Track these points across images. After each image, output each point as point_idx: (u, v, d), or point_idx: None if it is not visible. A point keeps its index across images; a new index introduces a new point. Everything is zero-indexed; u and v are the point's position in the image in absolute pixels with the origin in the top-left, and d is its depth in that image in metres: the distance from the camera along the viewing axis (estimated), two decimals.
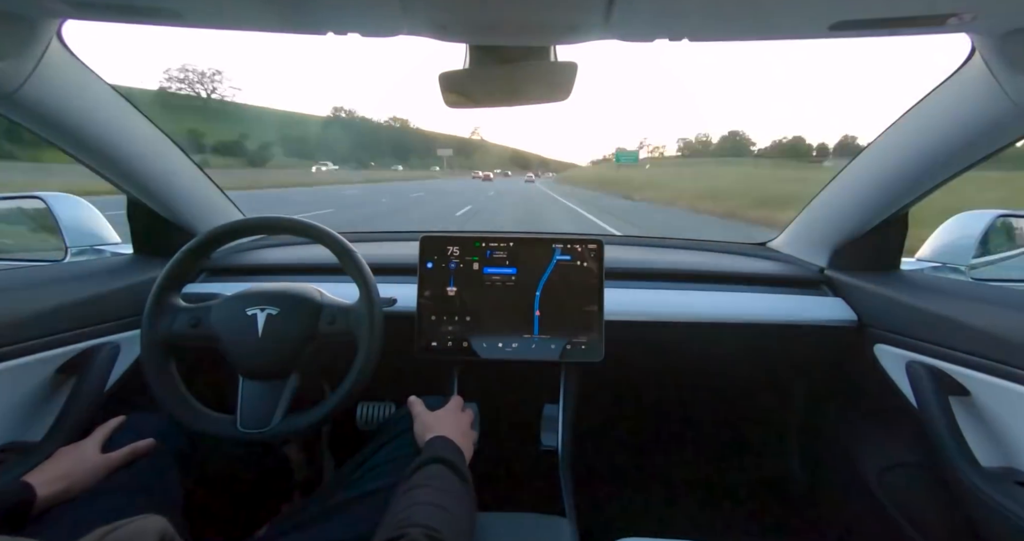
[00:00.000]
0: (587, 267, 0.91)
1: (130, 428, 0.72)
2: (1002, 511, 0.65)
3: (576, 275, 0.91)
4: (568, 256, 0.91)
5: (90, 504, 0.61)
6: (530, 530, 0.69)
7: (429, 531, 0.47)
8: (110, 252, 1.18)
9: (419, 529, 0.47)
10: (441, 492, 0.56)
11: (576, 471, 0.89)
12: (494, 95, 0.73)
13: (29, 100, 0.69)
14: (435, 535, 0.47)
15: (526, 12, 0.54)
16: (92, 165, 0.87)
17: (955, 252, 1.11)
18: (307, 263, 1.06)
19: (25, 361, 0.73)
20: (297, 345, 0.75)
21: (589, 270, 0.91)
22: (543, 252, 0.91)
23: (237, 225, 0.80)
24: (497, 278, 0.91)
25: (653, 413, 1.35)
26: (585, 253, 0.91)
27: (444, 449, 0.64)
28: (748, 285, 1.05)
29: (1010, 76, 0.62)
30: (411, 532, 0.46)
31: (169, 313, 0.75)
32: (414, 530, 0.46)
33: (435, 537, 0.47)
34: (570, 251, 0.91)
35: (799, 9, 0.52)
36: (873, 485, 0.93)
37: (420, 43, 0.65)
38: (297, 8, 0.54)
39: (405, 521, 0.49)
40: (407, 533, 0.46)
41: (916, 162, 0.82)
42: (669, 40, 0.59)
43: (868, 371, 0.92)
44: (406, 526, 0.48)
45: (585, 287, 0.90)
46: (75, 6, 0.58)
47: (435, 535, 0.47)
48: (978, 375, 0.72)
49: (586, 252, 0.91)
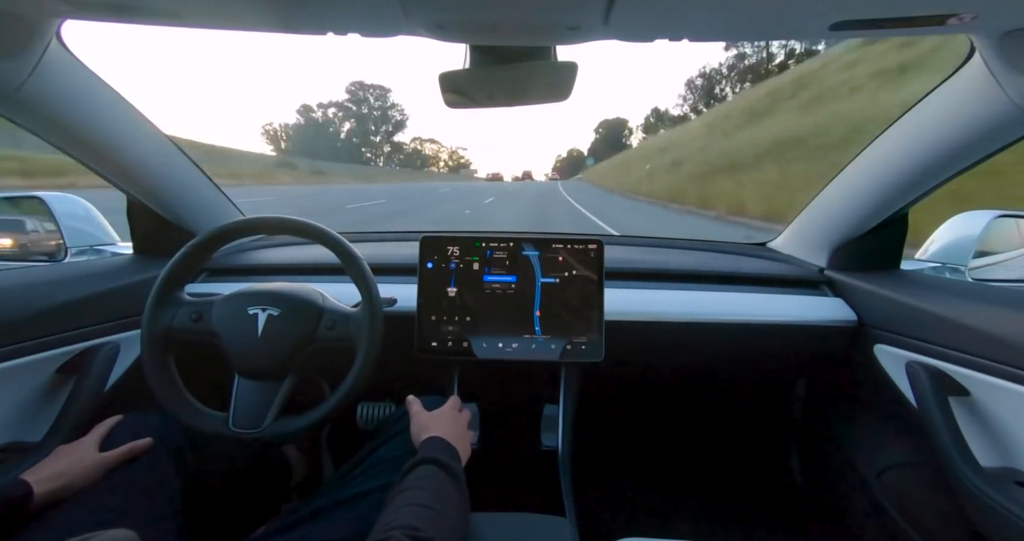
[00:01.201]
0: (587, 267, 0.91)
1: (128, 427, 0.72)
2: (1002, 511, 0.65)
3: (576, 275, 0.91)
4: (568, 256, 0.91)
5: (87, 503, 0.61)
6: (530, 530, 0.69)
7: (410, 530, 0.47)
8: (110, 252, 1.18)
9: (400, 530, 0.47)
10: (429, 492, 0.56)
11: (576, 471, 0.89)
12: (494, 95, 0.73)
13: (29, 100, 0.69)
14: (417, 534, 0.47)
15: (526, 12, 0.54)
16: (92, 165, 0.87)
17: (955, 252, 1.11)
18: (307, 263, 1.06)
19: (25, 361, 0.73)
20: (295, 348, 0.75)
21: (589, 270, 0.91)
22: (543, 252, 0.91)
23: (237, 225, 0.80)
24: (497, 286, 0.91)
25: (653, 413, 1.35)
26: (585, 253, 0.91)
27: (437, 450, 0.64)
28: (748, 285, 1.05)
29: (1010, 76, 0.62)
30: (392, 534, 0.46)
31: (171, 306, 0.75)
32: (395, 532, 0.47)
33: (417, 536, 0.47)
34: (570, 251, 0.91)
35: (799, 9, 0.52)
36: (873, 485, 0.93)
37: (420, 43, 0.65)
38: (297, 8, 0.54)
39: (389, 525, 0.49)
40: (389, 536, 0.46)
41: (916, 162, 0.82)
42: (669, 40, 0.59)
43: (868, 371, 0.92)
44: (389, 529, 0.48)
45: (585, 287, 0.90)
46: (75, 6, 0.58)
47: (417, 534, 0.47)
48: (978, 375, 0.72)
49: (586, 252, 0.91)
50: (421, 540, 0.47)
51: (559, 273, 0.91)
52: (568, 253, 0.91)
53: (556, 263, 0.91)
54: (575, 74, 0.66)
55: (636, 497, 1.26)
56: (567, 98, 0.71)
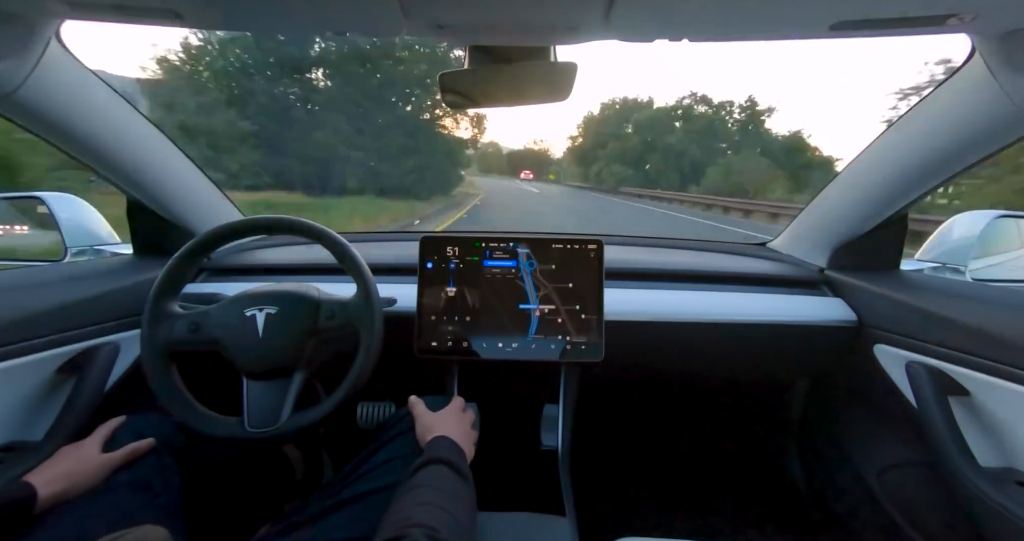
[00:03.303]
0: (587, 267, 0.91)
1: (130, 428, 0.72)
2: (1002, 511, 0.65)
3: (576, 275, 0.91)
4: (568, 256, 0.91)
5: (91, 504, 0.61)
6: (530, 530, 0.69)
7: (430, 531, 0.47)
8: (110, 252, 1.18)
9: (420, 529, 0.47)
10: (442, 492, 0.56)
11: (576, 471, 0.89)
12: (494, 95, 0.73)
13: (28, 100, 0.69)
14: (435, 535, 0.47)
15: (526, 12, 0.54)
16: (91, 165, 0.87)
17: (955, 252, 1.11)
18: (307, 263, 1.06)
19: (25, 361, 0.73)
20: (299, 342, 0.75)
21: (589, 270, 0.91)
22: (543, 252, 0.91)
23: (236, 225, 0.80)
24: (497, 271, 0.91)
25: (653, 413, 1.35)
26: (585, 253, 0.91)
27: (446, 449, 0.64)
28: (748, 285, 1.05)
29: (1010, 76, 0.62)
30: (412, 532, 0.46)
31: (167, 320, 0.75)
32: (415, 530, 0.46)
33: (435, 537, 0.47)
34: (570, 251, 0.91)
35: (799, 9, 0.52)
36: (873, 485, 0.93)
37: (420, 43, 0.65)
38: (297, 8, 0.54)
39: (406, 521, 0.49)
40: (408, 533, 0.46)
41: (916, 162, 0.82)
42: (669, 40, 0.59)
43: (868, 371, 0.92)
44: (407, 526, 0.47)
45: (585, 287, 0.90)
46: (75, 6, 0.58)
47: (435, 535, 0.47)
48: (978, 375, 0.72)
49: (586, 252, 0.91)
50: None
51: (559, 273, 0.91)
52: (568, 253, 0.91)
53: (556, 263, 0.91)
54: (575, 74, 0.66)
55: (636, 497, 1.26)
56: (567, 98, 0.71)
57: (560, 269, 0.91)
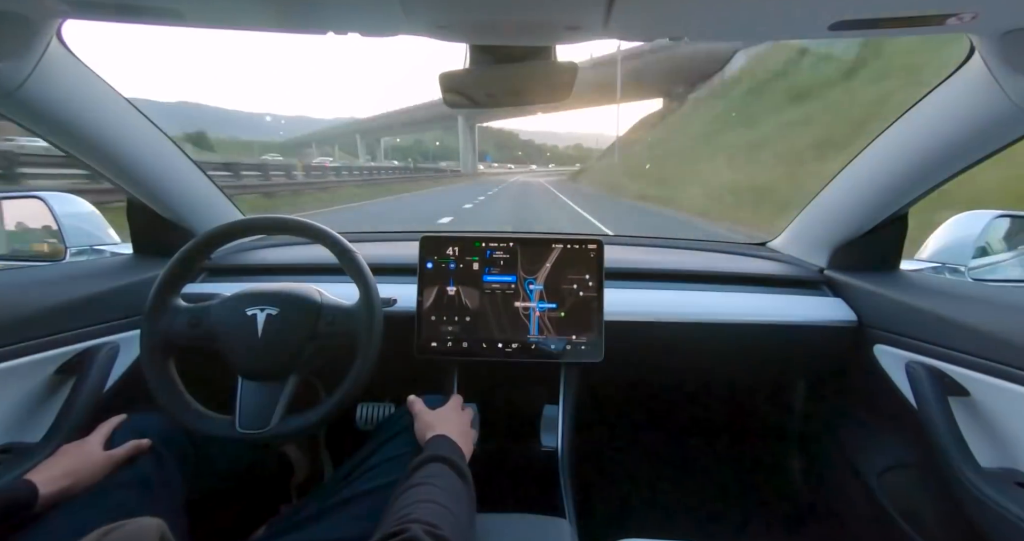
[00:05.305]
0: (587, 267, 0.91)
1: (130, 428, 0.72)
2: (1002, 511, 0.65)
3: (576, 275, 0.91)
4: (568, 256, 0.91)
5: (93, 502, 0.61)
6: (530, 530, 0.69)
7: (429, 527, 0.47)
8: (110, 252, 1.18)
9: (420, 525, 0.47)
10: (442, 490, 0.56)
11: (576, 471, 0.89)
12: (494, 95, 0.73)
13: (29, 100, 0.69)
14: (435, 531, 0.47)
15: (526, 12, 0.54)
16: (92, 165, 0.87)
17: (955, 252, 1.11)
18: (307, 263, 1.06)
19: (25, 361, 0.73)
20: (296, 346, 0.75)
21: (589, 270, 0.91)
22: (543, 252, 0.91)
23: (237, 225, 0.80)
24: (497, 286, 0.91)
25: (653, 413, 1.35)
26: (585, 253, 0.91)
27: (445, 448, 0.64)
28: (748, 285, 1.05)
29: (1010, 76, 0.62)
30: (412, 528, 0.46)
31: (168, 313, 0.75)
32: (415, 526, 0.46)
33: (435, 533, 0.47)
34: (570, 251, 0.91)
35: (799, 9, 0.52)
36: (873, 485, 0.93)
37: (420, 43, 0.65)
38: (297, 8, 0.54)
39: (405, 517, 0.49)
40: (408, 529, 0.46)
41: (915, 162, 0.82)
42: (669, 40, 0.59)
43: (868, 371, 0.92)
44: (406, 522, 0.47)
45: (585, 287, 0.90)
46: (75, 6, 0.58)
47: (435, 531, 0.47)
48: (978, 375, 0.72)
49: (586, 252, 0.91)
50: (440, 538, 0.47)
51: (559, 273, 0.91)
52: (568, 253, 0.91)
53: (556, 263, 0.91)
54: (575, 74, 0.66)
55: (636, 497, 1.26)
56: (567, 98, 0.71)
57: (560, 269, 0.91)
